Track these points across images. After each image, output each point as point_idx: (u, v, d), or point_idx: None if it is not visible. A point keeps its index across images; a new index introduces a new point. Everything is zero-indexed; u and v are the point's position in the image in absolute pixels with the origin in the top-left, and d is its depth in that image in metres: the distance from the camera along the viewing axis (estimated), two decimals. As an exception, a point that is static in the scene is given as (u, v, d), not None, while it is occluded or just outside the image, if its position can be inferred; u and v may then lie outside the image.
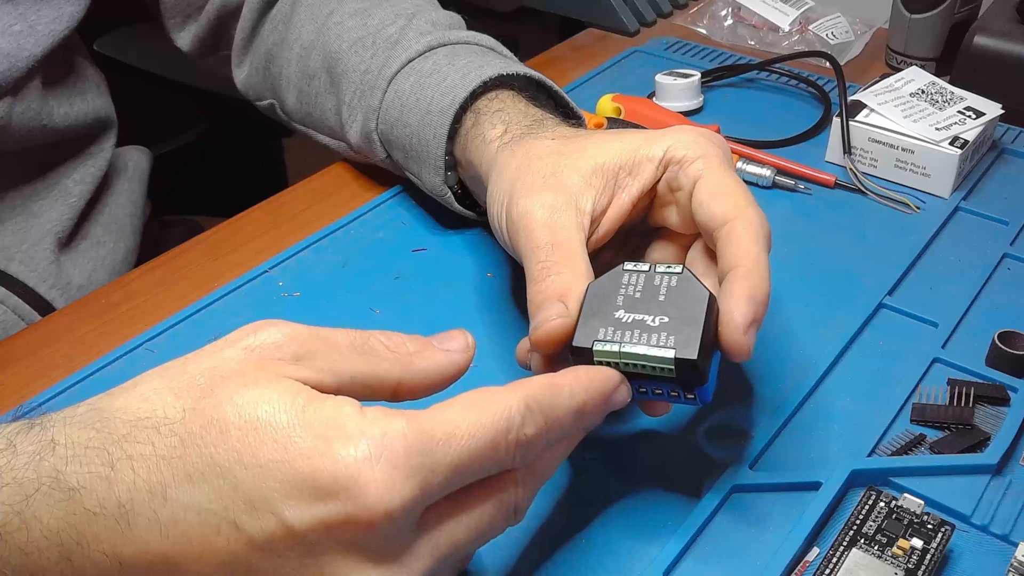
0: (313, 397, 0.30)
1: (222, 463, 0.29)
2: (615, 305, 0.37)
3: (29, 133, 0.59)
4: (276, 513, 0.28)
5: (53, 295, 0.61)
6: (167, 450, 0.29)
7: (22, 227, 0.61)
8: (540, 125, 0.48)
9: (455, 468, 0.29)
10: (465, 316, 0.52)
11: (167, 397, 0.30)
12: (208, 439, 0.29)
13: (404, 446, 0.29)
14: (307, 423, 0.29)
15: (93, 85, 0.65)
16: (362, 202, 0.61)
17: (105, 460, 0.29)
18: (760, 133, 0.67)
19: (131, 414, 0.30)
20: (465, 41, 0.58)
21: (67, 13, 0.59)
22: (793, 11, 0.83)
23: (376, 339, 0.33)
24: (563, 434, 0.33)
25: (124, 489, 0.28)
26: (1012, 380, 0.46)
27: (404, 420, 0.29)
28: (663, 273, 0.37)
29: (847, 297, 0.52)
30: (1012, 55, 0.67)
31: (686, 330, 0.35)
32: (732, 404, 0.46)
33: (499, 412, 0.30)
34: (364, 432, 0.29)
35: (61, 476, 0.28)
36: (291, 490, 0.28)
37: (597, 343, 0.36)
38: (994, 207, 0.60)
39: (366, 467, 0.28)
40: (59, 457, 0.29)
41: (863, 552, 0.37)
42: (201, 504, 0.28)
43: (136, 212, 0.70)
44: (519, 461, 0.31)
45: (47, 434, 0.29)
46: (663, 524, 0.40)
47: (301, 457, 0.28)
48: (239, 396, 0.29)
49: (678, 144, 0.42)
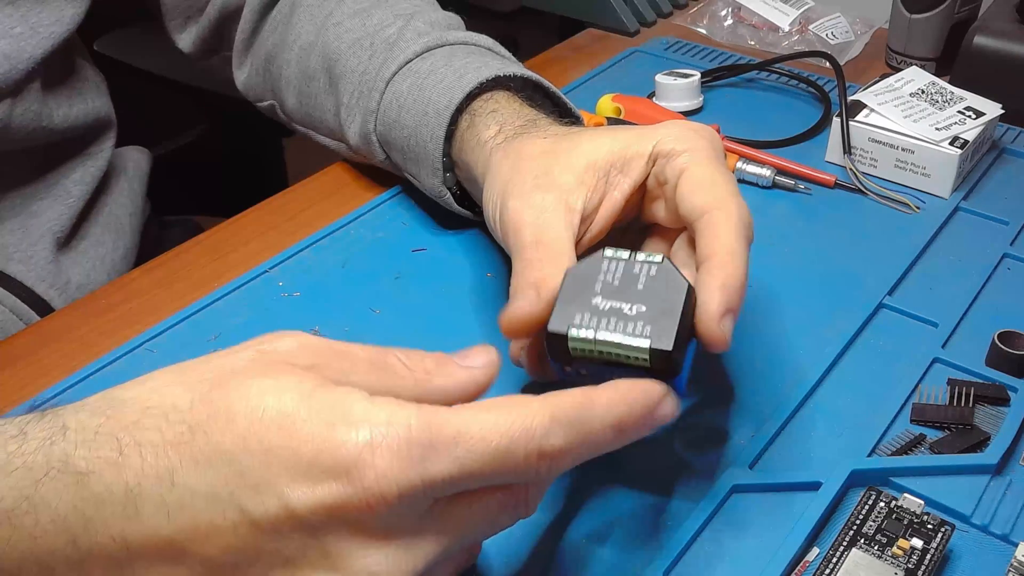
0: (321, 383, 0.30)
1: (229, 449, 0.29)
2: (593, 292, 0.36)
3: (29, 134, 0.59)
4: (280, 496, 0.28)
5: (51, 295, 0.61)
6: (175, 437, 0.29)
7: (20, 227, 0.61)
8: (533, 125, 0.48)
9: (462, 468, 0.29)
10: (465, 316, 0.52)
11: (177, 389, 0.30)
12: (216, 427, 0.29)
13: (407, 435, 0.29)
14: (312, 408, 0.29)
15: (93, 86, 0.65)
16: (362, 202, 0.61)
17: (114, 446, 0.29)
18: (760, 133, 0.67)
19: (141, 403, 0.30)
20: (463, 42, 0.58)
21: (68, 15, 0.59)
22: (793, 11, 0.83)
23: (394, 356, 0.33)
24: (602, 448, 0.32)
25: (132, 474, 0.29)
26: (1012, 380, 0.46)
27: (413, 411, 0.29)
28: (643, 262, 0.37)
29: (847, 297, 0.52)
30: (1012, 55, 0.67)
31: (662, 321, 0.35)
32: (732, 404, 0.46)
33: (518, 420, 0.30)
34: (369, 418, 0.29)
35: (70, 460, 0.29)
36: (295, 474, 0.28)
37: (572, 328, 0.35)
38: (994, 207, 0.60)
39: (367, 451, 0.28)
40: (69, 442, 0.29)
41: (863, 552, 0.37)
42: (208, 489, 0.29)
43: (135, 212, 0.70)
44: (547, 474, 0.31)
45: (58, 420, 0.30)
46: (663, 524, 0.40)
47: (305, 441, 0.29)
48: (248, 386, 0.30)
49: (667, 138, 0.42)
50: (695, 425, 0.45)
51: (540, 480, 0.32)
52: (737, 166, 0.62)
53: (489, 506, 0.32)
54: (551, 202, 0.41)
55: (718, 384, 0.47)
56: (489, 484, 0.31)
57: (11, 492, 0.28)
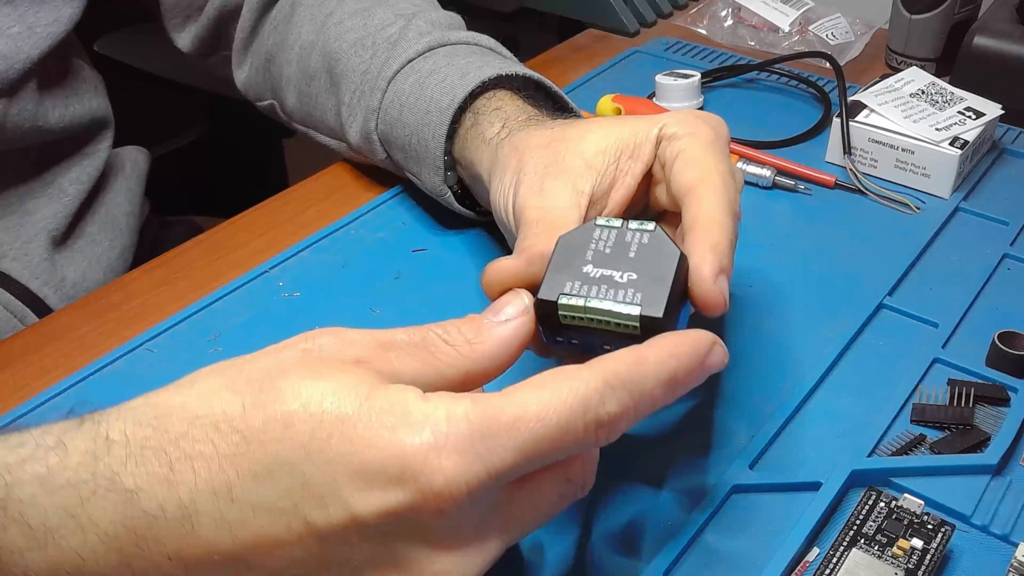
0: (376, 385, 0.29)
1: (290, 459, 0.28)
2: (584, 260, 0.36)
3: (24, 134, 0.59)
4: (345, 505, 0.28)
5: (46, 292, 0.61)
6: (229, 448, 0.28)
7: (15, 224, 0.61)
8: (537, 118, 0.48)
9: (524, 452, 0.28)
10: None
11: (225, 394, 0.29)
12: (272, 434, 0.28)
13: (469, 431, 0.28)
14: (371, 412, 0.28)
15: (90, 86, 0.65)
16: (362, 202, 0.61)
17: (163, 460, 0.28)
18: (760, 133, 0.67)
19: (189, 411, 0.29)
20: (465, 41, 0.58)
21: (65, 15, 0.59)
22: (793, 11, 0.83)
23: (433, 333, 0.33)
24: (656, 407, 0.31)
25: (185, 490, 0.28)
26: (1012, 380, 0.46)
27: (469, 403, 0.29)
28: (635, 230, 0.36)
29: (847, 297, 0.52)
30: (1012, 55, 0.67)
31: (653, 288, 0.35)
32: (732, 404, 0.46)
33: (572, 392, 0.29)
34: (428, 418, 0.28)
35: (117, 478, 0.28)
36: (359, 481, 0.28)
37: (563, 296, 0.35)
38: (994, 207, 0.60)
39: (432, 454, 0.28)
40: (115, 457, 0.28)
41: (863, 552, 0.37)
42: (270, 503, 0.28)
43: (133, 211, 0.70)
44: (605, 441, 0.30)
45: (101, 430, 0.28)
46: (663, 524, 0.40)
47: (368, 448, 0.28)
48: (303, 388, 0.29)
49: (671, 122, 0.42)
50: (695, 425, 0.45)
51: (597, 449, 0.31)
52: (737, 166, 0.62)
53: (548, 492, 0.31)
54: (560, 186, 0.41)
55: (718, 384, 0.47)
56: (554, 460, 0.30)
57: (56, 511, 0.27)
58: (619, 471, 0.42)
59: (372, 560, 0.29)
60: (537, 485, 0.31)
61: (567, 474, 0.32)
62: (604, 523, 0.40)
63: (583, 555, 0.39)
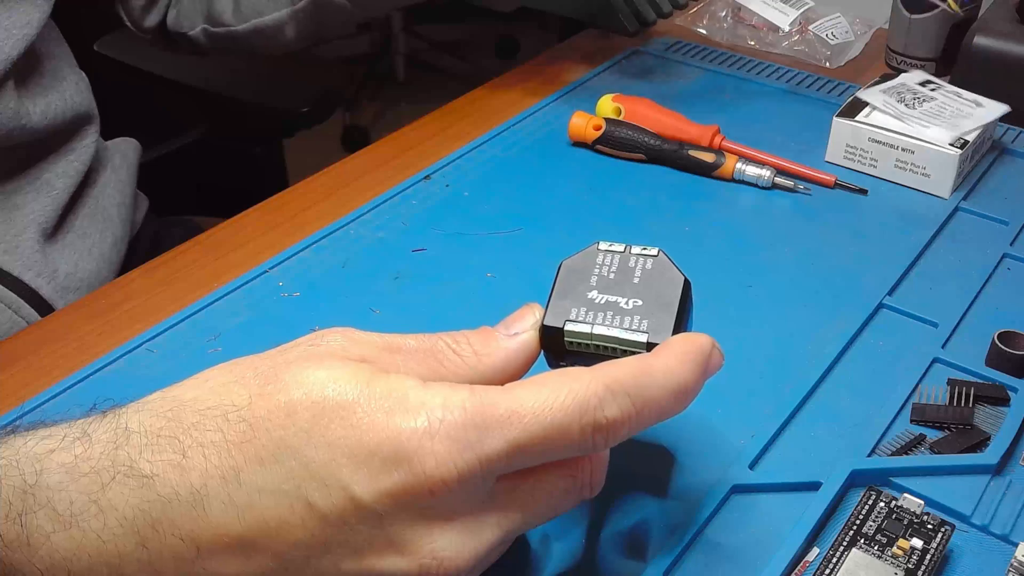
0: (376, 372, 0.31)
1: (292, 444, 0.29)
2: (588, 285, 0.36)
3: (8, 133, 0.60)
4: (345, 488, 0.29)
5: (40, 283, 0.62)
6: (237, 435, 0.30)
7: (5, 219, 0.61)
8: None
9: (517, 446, 0.29)
10: (465, 316, 0.52)
11: (234, 387, 0.31)
12: (276, 421, 0.30)
13: (463, 419, 0.29)
14: (371, 397, 0.30)
15: (71, 83, 0.66)
16: (362, 202, 0.61)
17: (176, 448, 0.29)
18: (760, 133, 0.67)
19: (201, 404, 0.30)
20: None
21: (36, 18, 0.60)
22: (793, 11, 0.83)
23: (442, 342, 0.33)
24: (664, 415, 0.32)
25: (197, 475, 0.29)
26: (1012, 380, 0.46)
27: (467, 393, 0.30)
28: (639, 255, 0.37)
29: (847, 297, 0.52)
30: (1012, 55, 0.67)
31: (659, 315, 0.35)
32: (732, 404, 0.46)
33: (571, 394, 0.30)
34: (424, 404, 0.29)
35: (135, 464, 0.29)
36: (358, 464, 0.29)
37: (568, 323, 0.35)
38: (994, 207, 0.60)
39: (425, 438, 0.29)
40: (133, 446, 0.30)
41: (863, 552, 0.37)
42: (274, 486, 0.29)
43: (125, 202, 0.71)
44: (604, 445, 0.31)
45: (121, 422, 0.30)
46: (663, 524, 0.40)
47: (366, 432, 0.29)
48: (306, 377, 0.30)
49: None
50: (695, 425, 0.45)
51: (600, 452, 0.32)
52: (737, 166, 0.62)
53: (552, 487, 0.32)
54: None
55: (718, 384, 0.47)
56: (549, 460, 0.31)
57: (80, 496, 0.29)
58: (619, 471, 0.42)
59: (371, 541, 0.30)
60: (541, 480, 0.32)
61: (572, 473, 0.32)
62: (604, 523, 0.40)
63: (583, 554, 0.39)
